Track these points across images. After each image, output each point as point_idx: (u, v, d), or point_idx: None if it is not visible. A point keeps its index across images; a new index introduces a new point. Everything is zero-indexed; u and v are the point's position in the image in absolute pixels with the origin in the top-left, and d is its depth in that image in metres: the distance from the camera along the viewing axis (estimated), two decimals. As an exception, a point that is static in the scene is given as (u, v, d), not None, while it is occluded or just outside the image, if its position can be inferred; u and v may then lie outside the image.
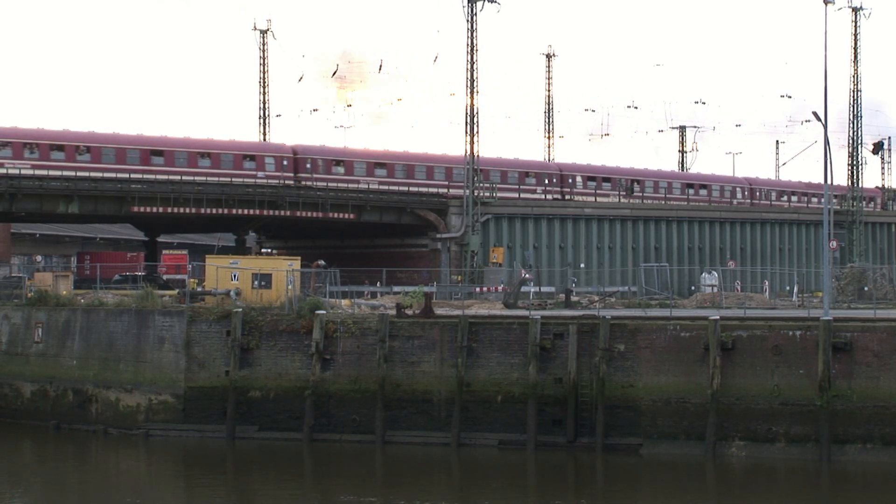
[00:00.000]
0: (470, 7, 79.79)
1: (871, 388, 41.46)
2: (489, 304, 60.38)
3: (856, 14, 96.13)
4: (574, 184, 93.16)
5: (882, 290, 65.74)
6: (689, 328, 43.79)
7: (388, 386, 45.38)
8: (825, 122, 49.10)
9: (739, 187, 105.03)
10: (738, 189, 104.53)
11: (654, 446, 42.88)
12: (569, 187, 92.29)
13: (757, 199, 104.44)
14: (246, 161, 77.79)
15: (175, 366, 47.52)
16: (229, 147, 78.74)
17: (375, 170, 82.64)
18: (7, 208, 69.55)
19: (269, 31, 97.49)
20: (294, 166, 79.71)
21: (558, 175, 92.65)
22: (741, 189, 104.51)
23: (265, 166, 77.82)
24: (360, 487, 39.00)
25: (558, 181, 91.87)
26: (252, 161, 77.99)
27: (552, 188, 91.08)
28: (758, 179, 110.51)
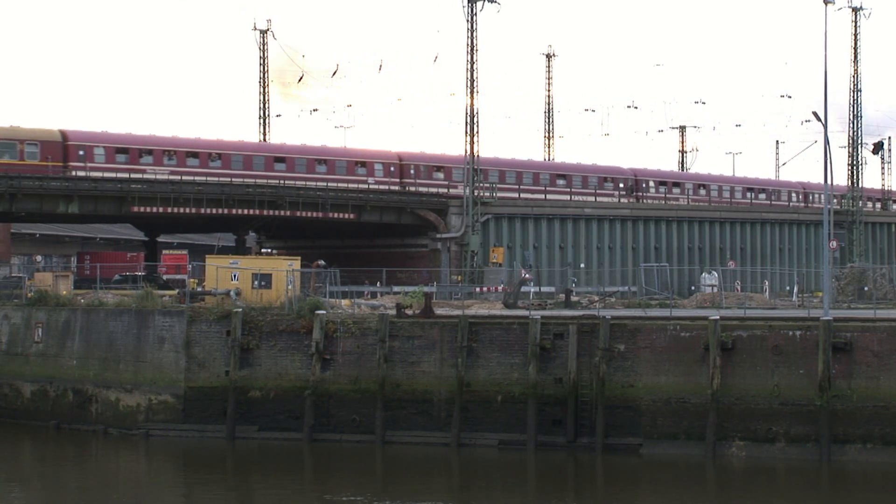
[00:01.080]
0: (470, 7, 79.80)
1: (871, 388, 41.46)
2: (489, 304, 60.38)
3: (856, 14, 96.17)
4: (647, 188, 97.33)
5: (882, 290, 65.72)
6: (689, 328, 43.79)
7: (388, 386, 45.38)
8: (825, 122, 49.11)
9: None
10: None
11: (654, 446, 42.88)
12: (642, 192, 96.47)
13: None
14: (358, 167, 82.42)
15: (175, 366, 47.52)
16: (342, 154, 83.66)
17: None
18: (7, 208, 69.53)
19: (269, 31, 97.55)
20: (399, 172, 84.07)
21: (633, 180, 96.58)
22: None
23: (374, 172, 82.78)
24: (360, 487, 38.99)
25: (634, 185, 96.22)
26: (363, 167, 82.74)
27: (625, 193, 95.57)
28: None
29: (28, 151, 70.26)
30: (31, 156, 70.27)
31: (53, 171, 70.07)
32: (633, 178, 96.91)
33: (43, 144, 70.85)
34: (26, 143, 70.47)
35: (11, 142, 70.27)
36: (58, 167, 70.74)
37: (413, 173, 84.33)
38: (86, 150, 72.18)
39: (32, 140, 70.86)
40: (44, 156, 70.51)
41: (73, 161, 71.64)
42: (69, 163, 71.56)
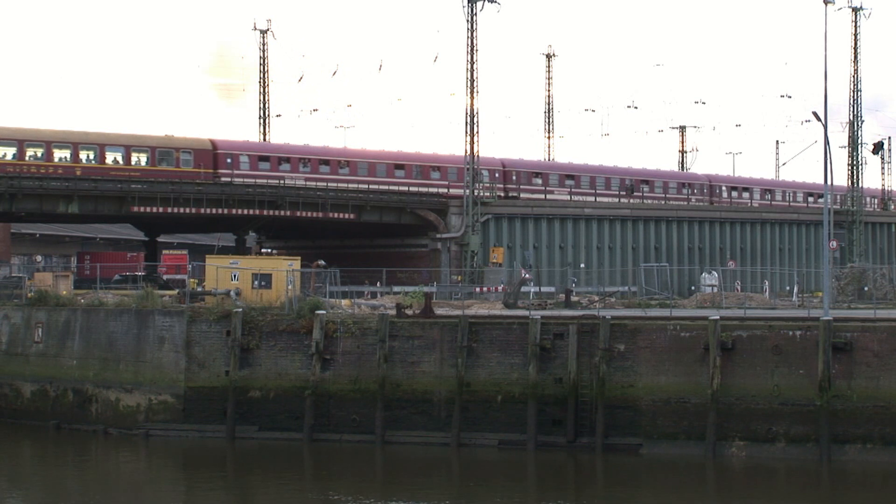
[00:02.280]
0: (470, 7, 79.81)
1: (871, 388, 41.45)
2: (489, 304, 60.37)
3: (856, 14, 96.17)
4: (720, 193, 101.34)
5: (882, 290, 65.69)
6: (689, 328, 43.79)
7: (388, 386, 45.38)
8: (825, 122, 49.11)
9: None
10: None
11: (654, 446, 42.88)
12: (717, 196, 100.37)
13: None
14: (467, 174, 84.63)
15: (175, 366, 47.52)
16: (453, 161, 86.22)
17: (565, 181, 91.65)
18: (7, 208, 69.55)
19: (269, 31, 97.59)
20: (504, 178, 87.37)
21: (708, 185, 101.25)
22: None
23: (482, 179, 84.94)
24: (360, 487, 38.98)
25: (707, 191, 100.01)
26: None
27: (701, 197, 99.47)
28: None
29: (183, 159, 74.72)
30: (186, 163, 74.66)
31: (205, 177, 74.35)
32: (709, 184, 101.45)
33: (196, 153, 75.45)
34: (181, 151, 74.97)
35: (169, 150, 74.52)
36: (208, 174, 75.00)
37: (515, 179, 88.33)
38: (233, 158, 76.86)
39: (187, 149, 75.37)
40: (196, 163, 74.98)
41: (222, 168, 76.10)
42: (218, 170, 75.87)
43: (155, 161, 73.62)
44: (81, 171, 70.45)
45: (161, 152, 74.30)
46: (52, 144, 70.86)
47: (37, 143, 70.58)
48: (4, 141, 69.56)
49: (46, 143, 70.90)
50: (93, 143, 72.17)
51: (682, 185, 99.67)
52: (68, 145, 71.48)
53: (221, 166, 76.27)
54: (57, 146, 71.05)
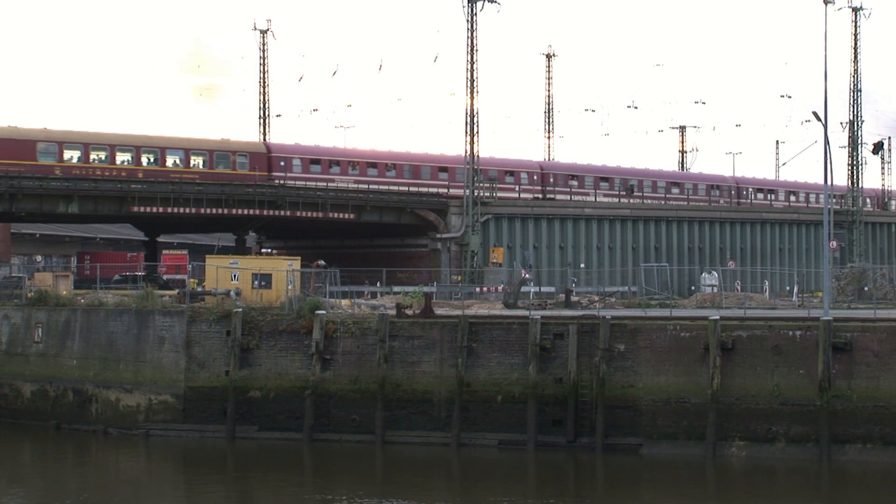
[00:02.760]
0: (470, 7, 79.79)
1: (871, 388, 41.46)
2: (489, 304, 60.36)
3: (856, 14, 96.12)
4: (747, 195, 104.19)
5: (882, 290, 65.67)
6: (689, 328, 43.79)
7: (388, 386, 45.38)
8: (825, 122, 49.10)
9: None
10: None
11: (654, 446, 42.87)
12: (743, 198, 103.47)
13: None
14: (507, 176, 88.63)
15: (175, 366, 47.52)
16: (493, 164, 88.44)
17: (600, 183, 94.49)
18: (7, 208, 69.55)
19: (269, 31, 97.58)
20: (542, 180, 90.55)
21: (735, 188, 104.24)
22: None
23: (521, 180, 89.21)
24: (360, 487, 38.98)
25: (735, 193, 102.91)
26: (511, 176, 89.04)
27: (728, 199, 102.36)
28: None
29: (239, 162, 77.40)
30: (242, 166, 77.32)
31: (259, 179, 76.49)
32: (736, 186, 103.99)
33: (251, 156, 78.24)
34: (238, 154, 77.73)
35: (226, 153, 77.42)
36: (263, 176, 77.26)
37: (552, 181, 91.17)
38: (286, 162, 79.13)
39: (243, 152, 78.30)
40: (252, 166, 77.57)
41: (276, 171, 78.57)
42: (272, 172, 78.27)
43: (212, 164, 75.90)
44: (143, 174, 72.55)
45: (218, 155, 76.82)
46: (116, 148, 72.92)
47: (101, 147, 72.58)
48: (71, 144, 71.67)
49: (110, 146, 72.89)
50: (154, 147, 74.42)
51: (710, 188, 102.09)
52: (130, 148, 73.52)
53: (275, 169, 78.68)
54: (120, 149, 73.06)
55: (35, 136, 71.32)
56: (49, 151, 71.01)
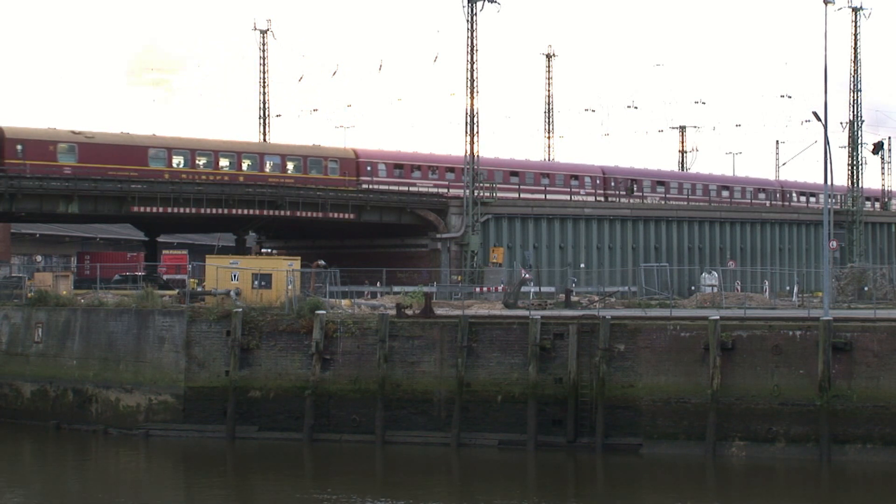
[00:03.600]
0: (470, 7, 79.79)
1: (871, 388, 41.46)
2: (489, 304, 60.36)
3: (856, 14, 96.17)
4: (791, 198, 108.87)
5: (882, 290, 65.68)
6: (689, 328, 43.79)
7: (388, 386, 45.38)
8: (825, 122, 49.10)
9: None
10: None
11: (654, 446, 42.87)
12: (787, 201, 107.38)
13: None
14: (572, 180, 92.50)
15: (175, 366, 47.52)
16: (560, 168, 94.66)
17: (657, 187, 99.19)
18: (7, 208, 69.55)
19: (269, 31, 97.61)
20: (604, 184, 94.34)
21: (780, 191, 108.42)
22: None
23: (584, 185, 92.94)
24: (360, 487, 38.98)
25: (780, 196, 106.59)
26: (576, 180, 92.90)
27: (775, 202, 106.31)
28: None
29: (330, 167, 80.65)
30: (333, 171, 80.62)
31: (349, 184, 79.98)
32: (780, 189, 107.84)
33: (341, 162, 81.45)
34: (329, 160, 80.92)
35: (318, 159, 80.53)
36: (352, 181, 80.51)
37: (613, 185, 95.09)
38: (372, 167, 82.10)
39: (334, 158, 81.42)
40: (342, 171, 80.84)
41: (363, 175, 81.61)
42: (360, 177, 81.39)
43: (306, 169, 79.45)
44: (244, 178, 75.95)
45: (311, 161, 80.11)
46: (219, 154, 76.75)
47: (205, 153, 76.11)
48: (178, 150, 74.99)
49: (214, 152, 76.68)
50: (253, 153, 78.59)
51: (757, 191, 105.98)
52: (232, 154, 77.31)
53: (363, 174, 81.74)
54: (222, 155, 76.81)
55: (146, 142, 74.45)
56: (159, 157, 74.29)
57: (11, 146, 69.48)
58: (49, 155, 70.34)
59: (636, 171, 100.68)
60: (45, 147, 70.47)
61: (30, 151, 69.70)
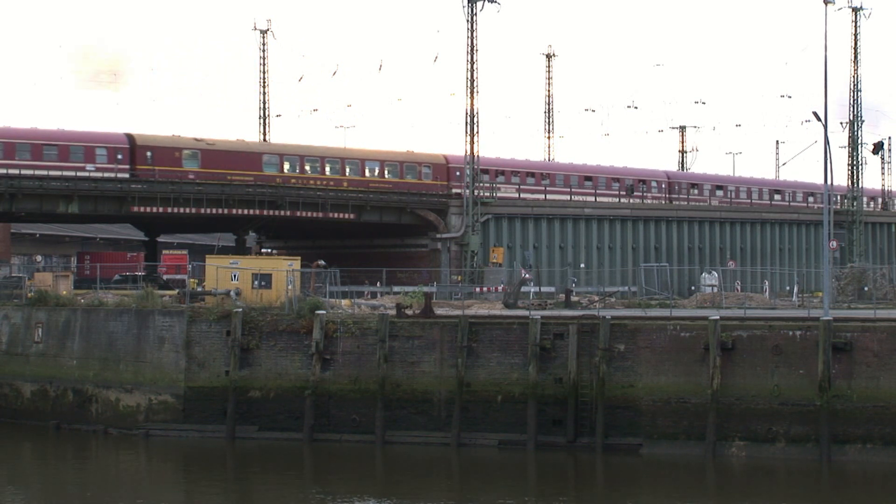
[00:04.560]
0: (470, 7, 79.78)
1: (871, 388, 41.44)
2: (489, 304, 60.36)
3: (856, 14, 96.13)
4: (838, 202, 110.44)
5: (882, 290, 65.67)
6: (689, 328, 43.79)
7: (388, 386, 45.38)
8: (825, 122, 49.09)
9: None
10: None
11: (654, 446, 42.87)
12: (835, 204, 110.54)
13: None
14: (640, 185, 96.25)
15: (175, 366, 47.52)
16: (628, 173, 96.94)
17: (716, 191, 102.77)
18: (7, 208, 69.58)
19: (269, 31, 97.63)
20: (668, 188, 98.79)
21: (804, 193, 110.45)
22: None
23: (651, 189, 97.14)
24: (360, 487, 39.00)
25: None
26: (644, 184, 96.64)
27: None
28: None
29: (424, 172, 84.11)
30: (426, 175, 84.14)
31: (440, 188, 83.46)
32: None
33: (434, 167, 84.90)
34: (423, 165, 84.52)
35: (413, 165, 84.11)
36: (443, 185, 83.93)
37: (677, 189, 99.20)
38: (460, 171, 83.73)
39: (427, 163, 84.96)
40: (434, 176, 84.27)
41: (452, 180, 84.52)
42: (450, 181, 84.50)
43: (402, 174, 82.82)
44: (347, 183, 79.81)
45: (407, 166, 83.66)
46: (325, 160, 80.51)
47: (313, 158, 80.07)
48: (289, 156, 79.23)
49: (321, 158, 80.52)
50: (355, 159, 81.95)
51: (807, 195, 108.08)
52: (336, 160, 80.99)
53: (452, 178, 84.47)
54: (328, 161, 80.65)
55: (260, 149, 79.60)
56: (272, 163, 78.32)
57: (142, 153, 73.20)
58: (175, 161, 74.18)
59: (696, 175, 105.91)
60: (171, 154, 74.34)
61: (158, 158, 73.45)
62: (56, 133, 72.59)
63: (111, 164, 71.74)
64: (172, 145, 75.04)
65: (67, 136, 72.37)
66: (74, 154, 71.11)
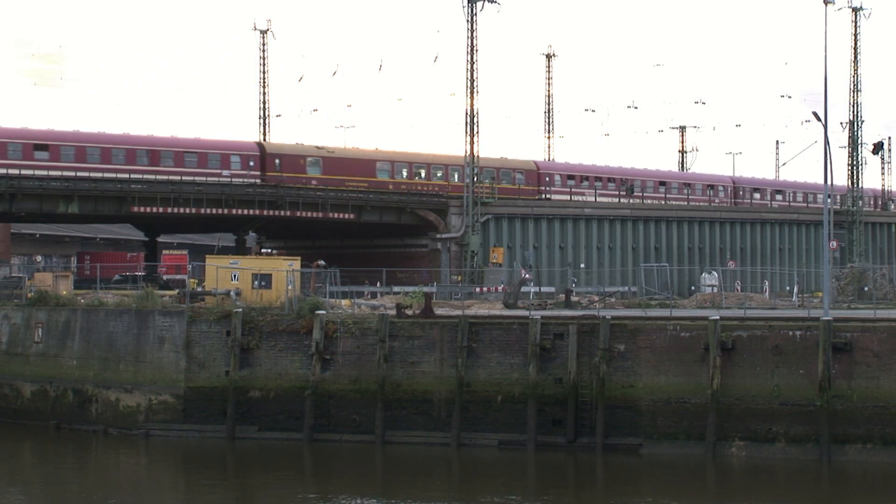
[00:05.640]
0: (470, 7, 79.80)
1: (871, 388, 41.45)
2: (489, 304, 60.35)
3: (856, 14, 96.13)
4: (889, 206, 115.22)
5: (882, 290, 65.67)
6: (689, 328, 43.79)
7: (388, 386, 45.38)
8: (825, 122, 49.09)
9: None
10: None
11: (654, 446, 42.87)
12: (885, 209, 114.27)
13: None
14: (708, 189, 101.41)
15: (175, 366, 47.52)
16: (698, 179, 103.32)
17: (776, 195, 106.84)
18: (7, 208, 69.60)
19: (269, 31, 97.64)
20: (734, 193, 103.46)
21: (872, 198, 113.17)
22: None
23: (718, 193, 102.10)
24: (360, 487, 38.99)
25: (872, 203, 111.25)
26: (712, 188, 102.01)
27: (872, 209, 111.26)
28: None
29: (517, 178, 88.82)
30: (520, 181, 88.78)
31: (533, 193, 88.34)
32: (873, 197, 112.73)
33: (526, 173, 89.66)
34: (517, 172, 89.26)
35: (508, 170, 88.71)
36: (534, 190, 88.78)
37: (742, 193, 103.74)
38: (549, 177, 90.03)
39: (520, 170, 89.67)
40: (527, 181, 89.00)
41: (542, 185, 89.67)
42: (540, 186, 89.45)
43: (499, 179, 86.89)
44: (451, 188, 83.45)
45: (503, 172, 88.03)
46: (431, 166, 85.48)
47: (421, 165, 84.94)
48: (400, 163, 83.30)
49: (427, 164, 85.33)
50: (457, 165, 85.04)
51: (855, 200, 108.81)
52: (442, 166, 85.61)
53: (542, 183, 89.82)
54: (434, 167, 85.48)
55: (374, 156, 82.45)
56: (384, 169, 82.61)
57: (272, 161, 78.29)
58: (300, 168, 79.08)
59: (758, 180, 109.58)
60: (297, 161, 79.21)
61: (285, 165, 78.59)
62: (195, 141, 77.11)
63: (244, 171, 76.78)
64: (297, 153, 79.70)
65: (205, 144, 77.17)
66: (212, 161, 75.83)
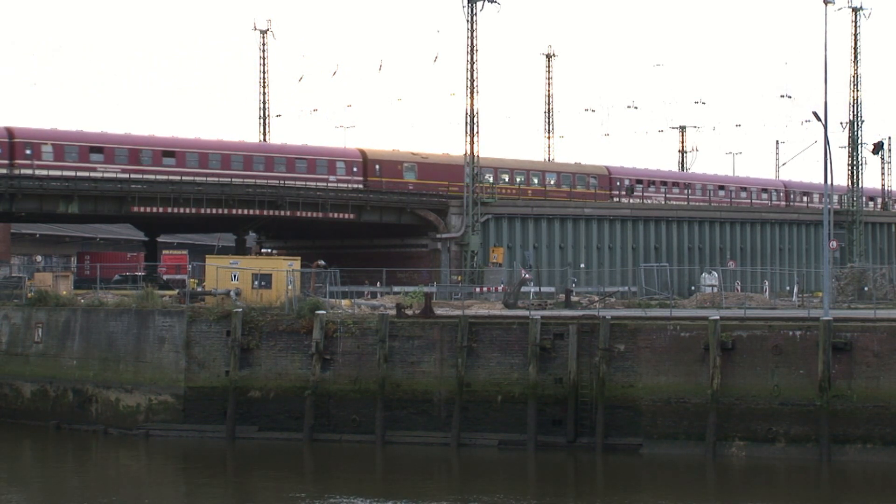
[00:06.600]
0: (470, 7, 79.77)
1: (871, 388, 41.45)
2: (489, 304, 60.35)
3: (856, 14, 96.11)
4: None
5: (882, 290, 65.67)
6: (689, 328, 43.79)
7: (388, 386, 45.38)
8: (825, 122, 49.08)
9: None
10: None
11: (654, 446, 42.88)
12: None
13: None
14: (762, 193, 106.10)
15: (175, 366, 47.52)
16: (754, 183, 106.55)
17: (803, 197, 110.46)
18: (7, 208, 69.57)
19: (269, 31, 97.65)
20: (786, 197, 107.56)
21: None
22: None
23: (761, 197, 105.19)
24: (360, 487, 38.99)
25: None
26: (766, 192, 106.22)
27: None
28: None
29: (591, 182, 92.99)
30: (593, 185, 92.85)
31: (605, 197, 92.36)
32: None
33: (599, 178, 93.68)
34: (590, 176, 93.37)
35: (582, 175, 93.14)
36: (606, 194, 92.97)
37: (791, 197, 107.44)
38: (619, 182, 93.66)
39: (593, 174, 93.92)
40: (600, 186, 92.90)
41: (614, 189, 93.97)
42: (612, 190, 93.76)
43: (574, 184, 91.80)
44: (531, 192, 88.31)
45: (578, 177, 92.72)
46: (514, 172, 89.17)
47: (504, 170, 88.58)
48: (487, 168, 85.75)
49: (510, 170, 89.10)
50: (538, 171, 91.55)
51: (869, 199, 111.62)
52: (523, 172, 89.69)
53: (613, 188, 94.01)
54: (517, 173, 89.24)
55: (461, 161, 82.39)
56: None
57: (372, 166, 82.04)
58: (397, 173, 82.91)
59: (805, 184, 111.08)
60: (395, 167, 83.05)
61: (385, 170, 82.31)
62: (304, 148, 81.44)
63: (348, 176, 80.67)
64: (395, 159, 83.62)
65: (312, 150, 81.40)
66: (320, 167, 79.80)
